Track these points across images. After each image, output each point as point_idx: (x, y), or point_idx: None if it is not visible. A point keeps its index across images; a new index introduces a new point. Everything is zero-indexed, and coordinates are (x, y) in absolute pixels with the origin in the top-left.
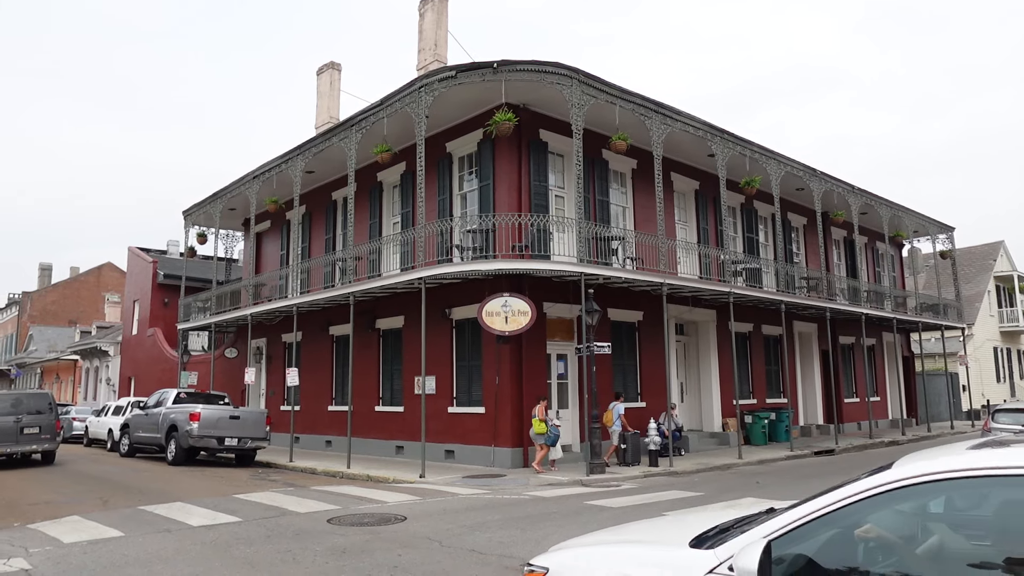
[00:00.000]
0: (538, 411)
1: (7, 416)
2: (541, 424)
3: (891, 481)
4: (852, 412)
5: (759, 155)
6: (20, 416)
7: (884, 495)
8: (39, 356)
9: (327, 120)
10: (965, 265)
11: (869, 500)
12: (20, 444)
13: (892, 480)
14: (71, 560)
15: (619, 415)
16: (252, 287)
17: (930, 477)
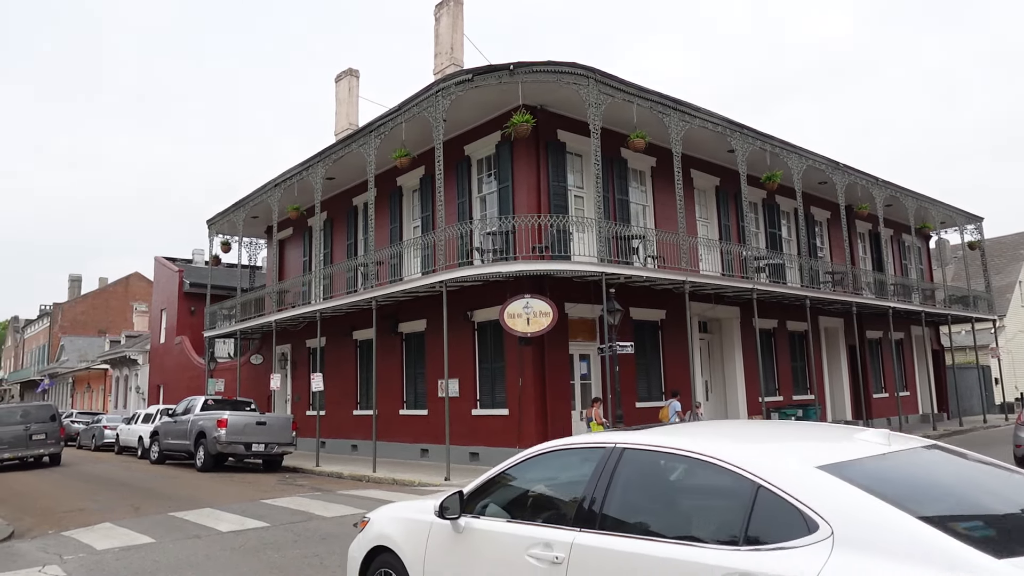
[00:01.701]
0: (595, 414)
1: (17, 425)
2: (599, 427)
3: (525, 456)
4: (881, 407)
5: (780, 149)
6: (29, 425)
7: (518, 465)
8: (70, 366)
9: (346, 126)
10: (995, 255)
11: (502, 474)
12: (29, 449)
13: (525, 455)
14: (104, 567)
15: (675, 412)
16: (276, 294)
17: (544, 449)
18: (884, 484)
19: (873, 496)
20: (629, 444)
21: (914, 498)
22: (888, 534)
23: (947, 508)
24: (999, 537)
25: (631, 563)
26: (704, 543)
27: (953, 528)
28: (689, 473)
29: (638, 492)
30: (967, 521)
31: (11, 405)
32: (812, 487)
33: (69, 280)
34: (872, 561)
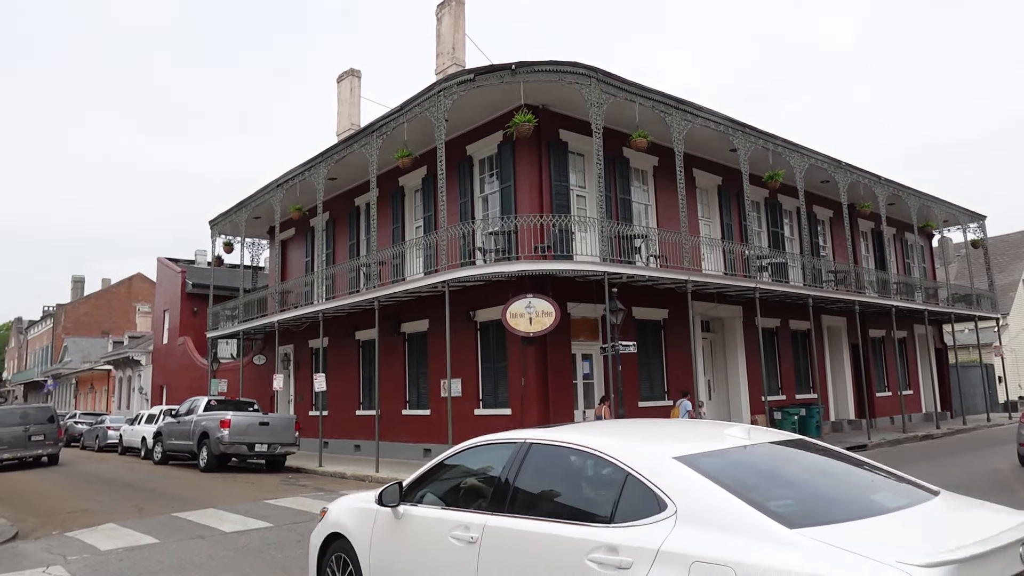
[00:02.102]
0: (604, 412)
1: (17, 426)
2: None
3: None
4: (884, 406)
5: (782, 148)
6: (28, 426)
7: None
8: (74, 367)
9: (348, 127)
10: (998, 254)
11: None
12: (28, 449)
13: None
14: (108, 567)
15: (687, 411)
16: (278, 294)
17: (470, 444)
18: (723, 471)
19: (710, 480)
20: (536, 440)
21: (744, 482)
22: (716, 511)
23: (768, 489)
24: (800, 512)
25: (528, 540)
26: (585, 521)
27: (766, 506)
28: (579, 464)
29: (540, 480)
30: (780, 500)
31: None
32: (666, 474)
33: (72, 281)
34: (701, 532)
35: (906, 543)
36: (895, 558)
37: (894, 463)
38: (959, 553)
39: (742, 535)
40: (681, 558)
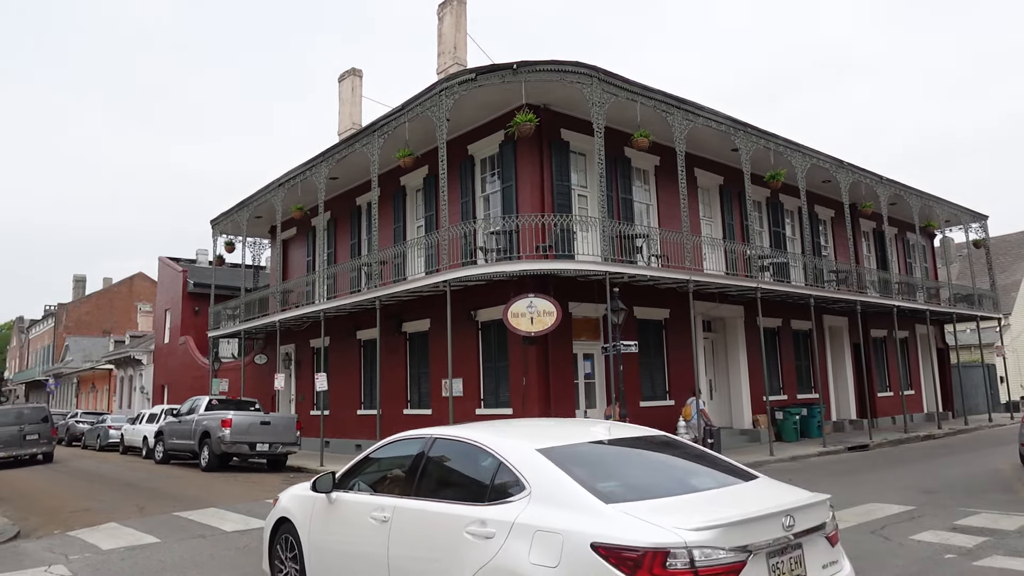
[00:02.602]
0: (614, 413)
1: (12, 426)
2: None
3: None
4: (886, 406)
5: (784, 148)
6: (23, 426)
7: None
8: (75, 366)
9: (350, 126)
10: (1000, 254)
11: (364, 458)
12: (23, 448)
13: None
14: (110, 567)
15: (699, 410)
16: (280, 294)
17: (392, 439)
18: (571, 461)
19: (558, 468)
20: (439, 435)
21: (584, 469)
22: (557, 491)
23: (600, 475)
24: (619, 492)
25: (425, 518)
26: (468, 501)
27: (594, 487)
28: (468, 455)
29: (438, 469)
30: (607, 483)
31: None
32: (527, 462)
33: (74, 280)
34: (546, 508)
35: (690, 513)
36: (673, 524)
37: (895, 463)
38: (723, 520)
39: (572, 509)
40: (528, 528)
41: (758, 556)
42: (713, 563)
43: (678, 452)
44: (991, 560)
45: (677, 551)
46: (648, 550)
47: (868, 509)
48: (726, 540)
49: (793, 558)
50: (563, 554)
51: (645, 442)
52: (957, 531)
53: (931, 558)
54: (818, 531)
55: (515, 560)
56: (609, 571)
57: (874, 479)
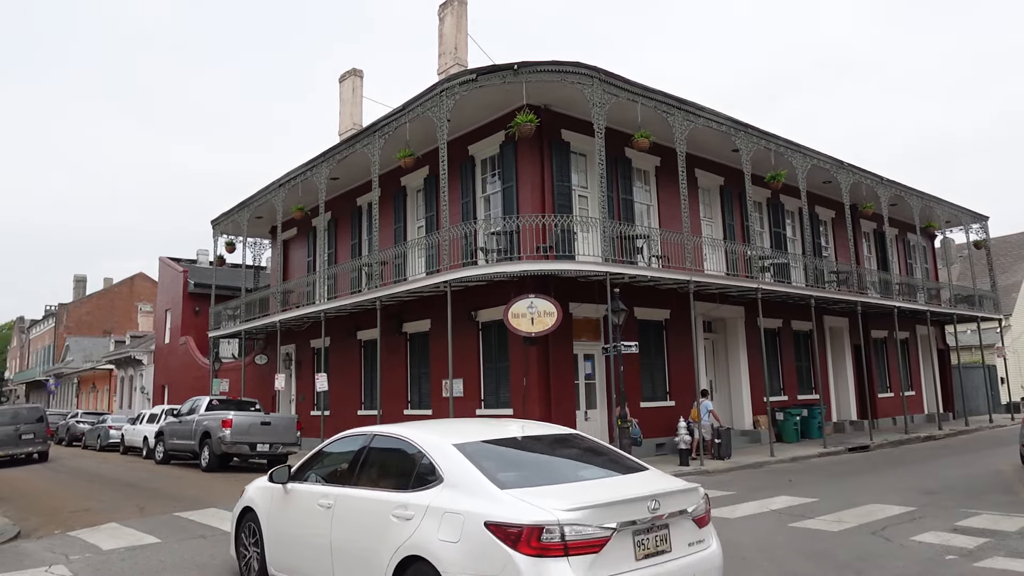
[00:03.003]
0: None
1: (8, 426)
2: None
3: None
4: (886, 407)
5: (784, 148)
6: (19, 426)
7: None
8: (76, 367)
9: (350, 127)
10: (1001, 254)
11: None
12: (19, 447)
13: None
14: (111, 567)
15: (708, 410)
16: (280, 294)
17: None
18: (480, 454)
19: (468, 460)
20: (378, 432)
21: (489, 461)
22: (465, 479)
23: (502, 466)
24: (515, 480)
25: (360, 504)
26: (395, 489)
27: (495, 476)
28: (399, 448)
29: (375, 461)
30: (506, 472)
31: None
32: (444, 455)
33: (74, 281)
34: (455, 493)
35: (567, 498)
36: (552, 506)
37: (896, 464)
38: (592, 503)
39: (474, 495)
40: (439, 510)
41: (623, 533)
42: (580, 537)
43: (580, 448)
44: (992, 561)
45: (551, 527)
46: (527, 527)
47: (869, 510)
48: (593, 519)
49: (659, 536)
50: (463, 531)
51: (553, 439)
52: (958, 532)
53: (932, 559)
54: (684, 514)
55: (427, 537)
56: (497, 544)
57: (875, 480)
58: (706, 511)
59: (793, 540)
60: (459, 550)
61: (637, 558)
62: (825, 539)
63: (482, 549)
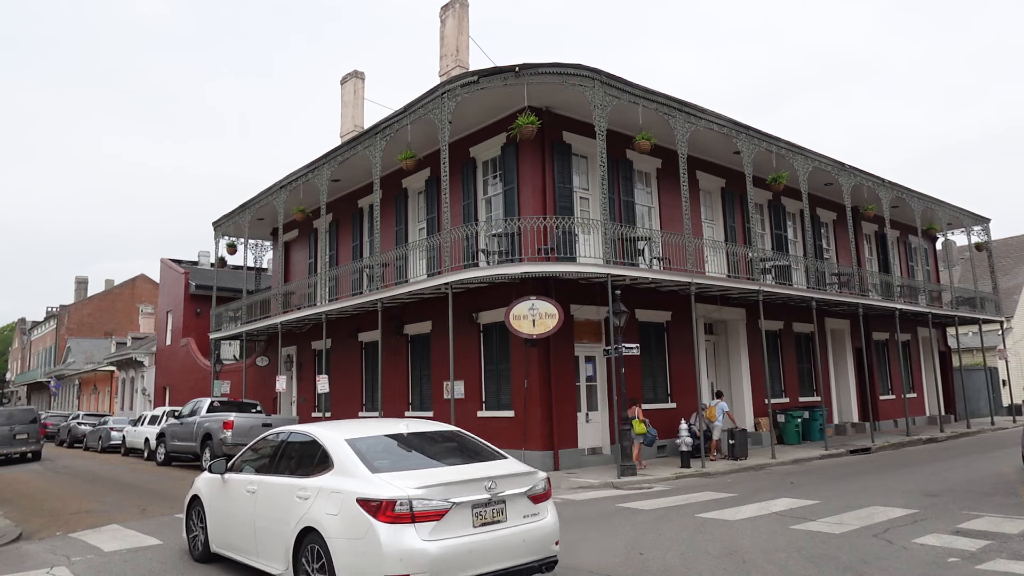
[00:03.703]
0: (638, 412)
1: (3, 427)
2: (641, 424)
3: (260, 437)
4: (888, 409)
5: (786, 151)
6: (13, 426)
7: (256, 442)
8: (77, 368)
9: (352, 128)
10: (1002, 257)
11: (249, 449)
12: (14, 446)
13: (260, 437)
14: (112, 568)
15: (723, 411)
16: (281, 296)
17: (266, 434)
18: (364, 446)
19: (353, 451)
20: (292, 430)
21: (370, 452)
22: (350, 466)
23: (380, 455)
24: (386, 466)
25: (274, 489)
26: (300, 476)
27: (372, 463)
28: (305, 442)
29: (289, 453)
30: (381, 460)
31: None
32: (338, 447)
33: (76, 282)
34: (341, 478)
35: (422, 479)
36: (407, 485)
37: (898, 466)
38: (436, 482)
39: (352, 478)
40: (328, 491)
41: (462, 506)
42: (425, 509)
43: (453, 442)
44: (994, 564)
45: (402, 501)
46: (384, 500)
47: (870, 512)
48: (436, 495)
49: (496, 509)
50: (342, 506)
51: (433, 435)
52: (960, 535)
53: (934, 562)
54: (521, 493)
55: (318, 512)
56: (363, 515)
57: (876, 482)
58: (544, 491)
59: (794, 542)
60: (338, 520)
61: (475, 525)
62: (827, 541)
63: (353, 519)
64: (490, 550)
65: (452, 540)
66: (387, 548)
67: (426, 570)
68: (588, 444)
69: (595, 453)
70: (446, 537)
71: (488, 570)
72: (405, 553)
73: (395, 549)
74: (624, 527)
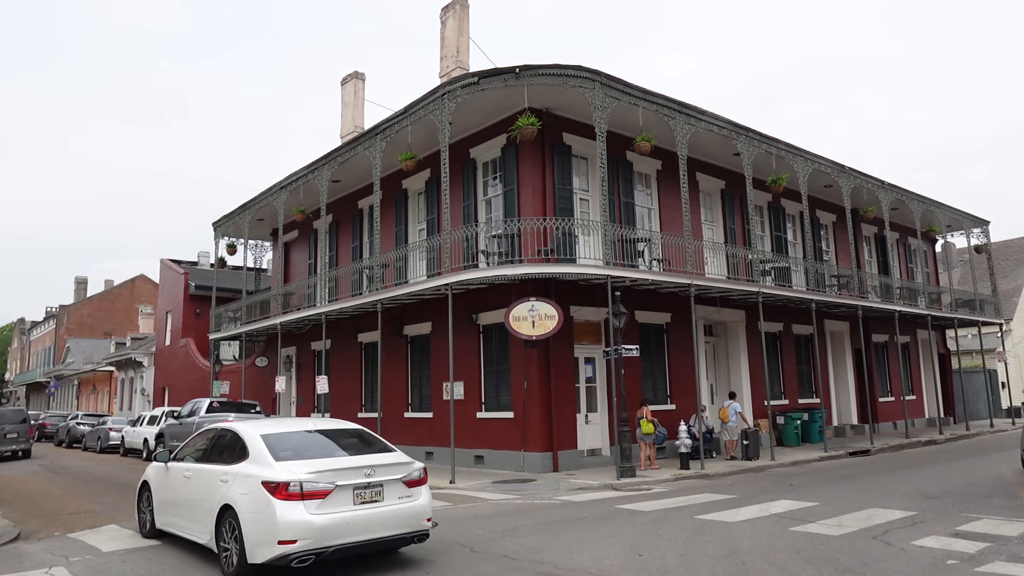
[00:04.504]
0: (647, 413)
1: None
2: (649, 425)
3: (198, 432)
4: (887, 411)
5: (785, 152)
6: (3, 426)
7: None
8: (76, 368)
9: (352, 129)
10: (1002, 259)
11: (188, 441)
12: (4, 445)
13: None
14: (110, 569)
15: (737, 412)
16: (281, 296)
17: (205, 428)
18: (277, 440)
19: (264, 444)
20: (223, 426)
21: (278, 444)
22: (260, 455)
23: (285, 447)
24: (289, 455)
25: (205, 474)
26: (225, 463)
27: (277, 453)
28: (232, 436)
29: (219, 445)
30: (285, 451)
31: None
32: (254, 440)
33: (75, 282)
34: (253, 464)
35: (313, 466)
36: (300, 470)
37: (897, 468)
38: (323, 468)
39: (261, 465)
40: (242, 475)
41: (344, 488)
42: (313, 489)
43: (352, 437)
44: (993, 566)
45: (295, 483)
46: (281, 482)
47: (869, 514)
48: (323, 479)
49: (374, 491)
50: (250, 488)
51: (334, 431)
52: (959, 537)
53: (933, 564)
54: (397, 479)
55: (233, 493)
56: (265, 494)
57: (875, 484)
58: (418, 478)
59: (794, 544)
60: (247, 498)
61: (355, 503)
62: (826, 543)
63: (258, 497)
64: (367, 523)
65: (334, 514)
66: (281, 520)
67: (310, 537)
68: (588, 445)
69: (594, 454)
70: (329, 512)
71: (364, 538)
72: (295, 524)
73: (287, 521)
74: (623, 528)
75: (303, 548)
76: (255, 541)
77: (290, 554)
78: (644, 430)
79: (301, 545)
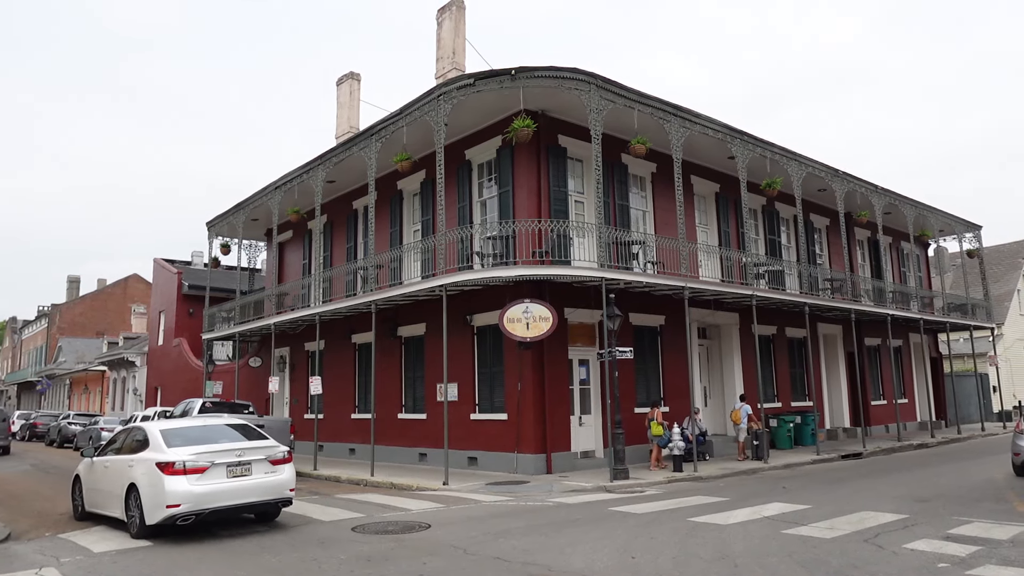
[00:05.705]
0: (657, 415)
1: None
2: (659, 426)
3: (117, 430)
4: (879, 415)
5: (780, 156)
6: None
7: (115, 435)
8: (68, 367)
9: (347, 130)
10: (994, 263)
11: (111, 440)
12: None
13: (118, 430)
14: (101, 569)
15: (747, 414)
16: (275, 296)
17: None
18: (173, 433)
19: (161, 436)
20: (134, 425)
21: (173, 436)
22: (157, 444)
23: (178, 437)
24: (179, 443)
25: (120, 463)
26: (133, 453)
27: (171, 441)
28: (141, 432)
29: (131, 440)
30: (177, 439)
31: None
32: (154, 435)
33: (68, 281)
34: (151, 452)
35: (196, 450)
36: (185, 453)
37: (889, 472)
38: (201, 451)
39: (158, 451)
40: (143, 460)
41: (219, 466)
42: (193, 466)
43: (233, 430)
44: (984, 569)
45: (179, 462)
46: (168, 462)
47: (861, 517)
48: (202, 459)
49: (244, 467)
50: (147, 469)
51: (220, 426)
52: (950, 540)
53: (924, 567)
54: (262, 459)
55: (137, 473)
56: (157, 472)
57: (867, 487)
58: (282, 457)
59: (786, 547)
60: (145, 476)
61: (227, 477)
62: (818, 546)
63: (152, 474)
64: (237, 491)
65: (210, 485)
66: (168, 489)
67: (191, 502)
68: (581, 447)
69: (588, 456)
70: (206, 483)
71: (236, 503)
72: (178, 492)
73: (172, 490)
74: (616, 531)
75: (185, 511)
76: (150, 507)
77: (175, 515)
78: (654, 432)
79: (184, 508)
